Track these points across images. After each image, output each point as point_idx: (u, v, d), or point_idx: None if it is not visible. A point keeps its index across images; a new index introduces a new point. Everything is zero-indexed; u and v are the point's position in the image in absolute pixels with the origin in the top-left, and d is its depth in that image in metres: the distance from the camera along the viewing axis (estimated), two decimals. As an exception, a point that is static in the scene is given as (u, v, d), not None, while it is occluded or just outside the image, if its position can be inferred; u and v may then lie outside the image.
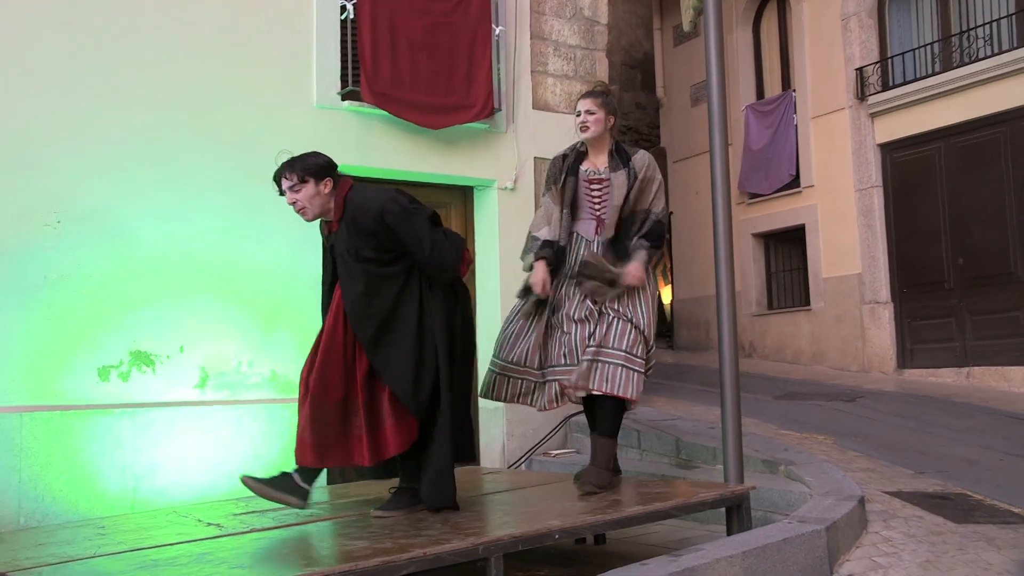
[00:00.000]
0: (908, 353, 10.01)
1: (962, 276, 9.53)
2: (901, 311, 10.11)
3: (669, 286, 14.08)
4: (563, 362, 4.16)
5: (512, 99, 6.69)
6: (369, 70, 5.88)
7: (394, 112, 5.99)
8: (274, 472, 3.84)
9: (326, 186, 3.75)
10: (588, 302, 4.17)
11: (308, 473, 3.79)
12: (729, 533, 3.98)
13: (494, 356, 4.31)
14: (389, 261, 3.76)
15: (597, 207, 4.29)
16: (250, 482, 3.74)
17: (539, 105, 6.85)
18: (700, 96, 12.76)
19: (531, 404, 4.29)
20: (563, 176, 4.31)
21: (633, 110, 15.54)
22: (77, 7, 5.12)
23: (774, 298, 12.09)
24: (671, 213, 13.53)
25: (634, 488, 4.29)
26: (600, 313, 4.15)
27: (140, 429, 5.03)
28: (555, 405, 4.20)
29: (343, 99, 5.92)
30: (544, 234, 4.31)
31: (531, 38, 6.90)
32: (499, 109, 6.49)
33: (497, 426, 6.39)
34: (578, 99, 4.44)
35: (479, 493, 4.38)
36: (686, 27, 10.46)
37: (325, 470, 3.87)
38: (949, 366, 9.48)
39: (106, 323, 5.01)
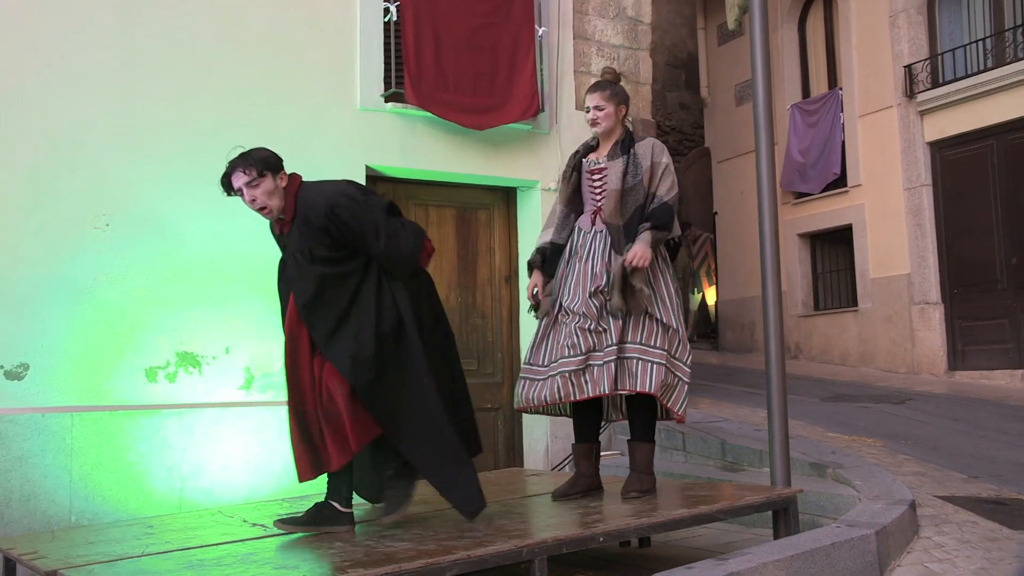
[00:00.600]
0: (959, 355, 9.82)
1: (1016, 275, 9.32)
2: (952, 312, 9.92)
3: (714, 287, 13.97)
4: (567, 354, 3.96)
5: (555, 100, 6.66)
6: (413, 72, 5.89)
7: (438, 113, 5.99)
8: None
9: (282, 180, 3.59)
10: (592, 300, 3.99)
11: (338, 490, 3.56)
12: (776, 537, 3.92)
13: (523, 363, 4.20)
14: (343, 259, 3.55)
15: (597, 198, 4.19)
16: (286, 527, 3.52)
17: (582, 106, 6.79)
18: (745, 95, 12.64)
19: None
20: (571, 172, 4.26)
21: (677, 110, 15.45)
22: (126, 11, 5.20)
23: (820, 299, 11.94)
24: (715, 213, 13.44)
25: (679, 491, 4.25)
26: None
27: (187, 429, 5.09)
28: (557, 399, 3.93)
29: (387, 101, 5.94)
30: (542, 239, 4.28)
31: (574, 38, 6.87)
32: (543, 110, 6.47)
33: (540, 428, 6.36)
34: (586, 93, 4.31)
35: (523, 495, 4.36)
36: (731, 26, 10.40)
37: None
38: (1003, 368, 9.28)
39: (154, 324, 5.08)
